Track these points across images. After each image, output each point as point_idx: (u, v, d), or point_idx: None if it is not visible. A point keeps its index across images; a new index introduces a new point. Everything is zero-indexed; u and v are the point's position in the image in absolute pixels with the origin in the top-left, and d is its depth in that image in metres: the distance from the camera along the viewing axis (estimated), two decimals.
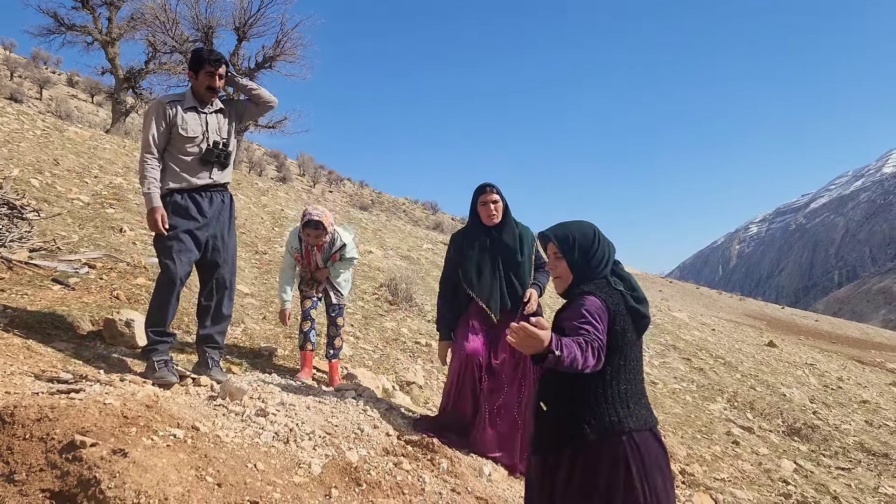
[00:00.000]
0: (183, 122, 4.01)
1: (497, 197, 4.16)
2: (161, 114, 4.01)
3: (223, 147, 4.13)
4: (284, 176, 39.56)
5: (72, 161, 10.64)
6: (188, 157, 4.04)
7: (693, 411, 7.35)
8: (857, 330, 43.38)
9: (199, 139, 4.05)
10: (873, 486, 6.27)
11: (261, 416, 3.51)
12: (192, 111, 4.07)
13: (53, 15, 22.66)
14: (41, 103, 32.99)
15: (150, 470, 2.56)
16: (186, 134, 4.01)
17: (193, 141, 4.04)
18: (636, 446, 2.34)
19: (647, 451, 2.35)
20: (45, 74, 38.46)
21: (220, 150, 4.10)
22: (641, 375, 2.51)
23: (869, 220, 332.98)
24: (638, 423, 2.38)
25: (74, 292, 5.03)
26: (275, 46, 24.13)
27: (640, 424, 2.38)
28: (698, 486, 4.99)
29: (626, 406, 2.39)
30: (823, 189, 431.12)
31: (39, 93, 35.37)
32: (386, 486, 3.25)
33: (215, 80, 4.08)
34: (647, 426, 2.41)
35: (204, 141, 4.07)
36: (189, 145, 4.03)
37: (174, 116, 4.00)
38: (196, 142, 4.04)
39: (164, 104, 4.04)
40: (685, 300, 37.67)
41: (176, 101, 4.07)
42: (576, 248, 2.50)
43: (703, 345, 13.13)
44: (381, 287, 8.39)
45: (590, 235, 2.53)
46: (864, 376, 15.91)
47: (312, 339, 4.77)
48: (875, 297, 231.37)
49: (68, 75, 42.26)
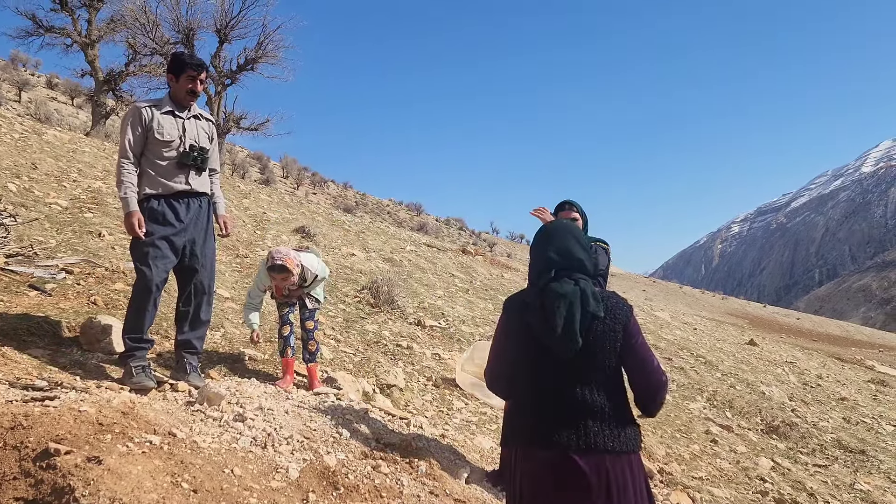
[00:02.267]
0: (159, 127, 3.99)
1: (576, 215, 4.11)
2: (137, 118, 3.99)
3: (200, 151, 4.11)
4: (268, 178, 39.36)
5: (50, 165, 10.54)
6: (164, 162, 4.02)
7: (673, 410, 7.41)
8: (838, 328, 43.93)
9: (175, 143, 4.04)
10: (849, 483, 6.36)
11: (239, 422, 3.51)
12: (169, 115, 4.06)
13: (32, 17, 22.43)
14: (20, 106, 32.59)
15: (125, 477, 2.56)
16: (163, 138, 4.00)
17: (170, 145, 4.02)
18: (519, 461, 2.34)
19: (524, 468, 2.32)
20: (24, 77, 37.98)
21: (196, 153, 4.08)
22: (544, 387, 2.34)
23: (848, 219, 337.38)
24: (518, 439, 2.36)
25: (51, 298, 4.99)
26: (256, 48, 24.07)
27: (522, 441, 2.33)
28: (676, 484, 5.04)
29: (509, 421, 2.42)
30: (804, 188, 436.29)
31: (18, 95, 34.93)
32: (364, 489, 3.26)
33: (197, 84, 4.07)
34: (528, 443, 2.31)
35: (181, 145, 4.06)
36: (165, 149, 4.02)
37: (150, 120, 3.99)
38: (173, 146, 4.03)
39: (140, 108, 4.02)
40: (668, 300, 37.98)
41: (153, 106, 4.05)
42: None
43: (685, 344, 13.25)
44: (362, 290, 8.39)
45: (535, 238, 2.57)
46: (843, 374, 16.11)
47: (292, 344, 4.74)
48: (855, 295, 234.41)
49: (48, 77, 41.77)
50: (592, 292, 2.34)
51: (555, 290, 2.32)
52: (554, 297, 2.29)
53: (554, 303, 2.28)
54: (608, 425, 2.26)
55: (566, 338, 2.24)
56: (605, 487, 2.20)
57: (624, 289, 36.27)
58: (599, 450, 2.22)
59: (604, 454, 2.23)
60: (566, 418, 2.26)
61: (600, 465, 2.22)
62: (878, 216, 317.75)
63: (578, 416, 2.25)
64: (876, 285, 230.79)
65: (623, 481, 2.24)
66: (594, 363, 2.29)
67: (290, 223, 12.89)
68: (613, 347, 2.31)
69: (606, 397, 2.29)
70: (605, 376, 2.31)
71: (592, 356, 2.28)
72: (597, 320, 2.29)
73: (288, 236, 11.38)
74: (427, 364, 6.38)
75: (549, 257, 2.43)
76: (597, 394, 2.28)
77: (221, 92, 24.02)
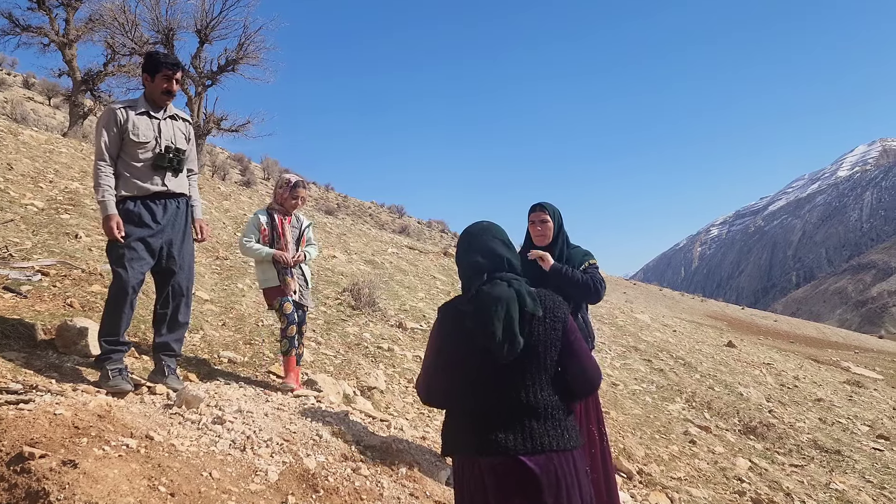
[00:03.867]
0: (134, 128, 3.95)
1: (546, 217, 3.97)
2: (112, 120, 3.95)
3: (176, 152, 4.07)
4: (248, 180, 39.11)
5: (26, 165, 10.40)
6: (140, 164, 3.98)
7: (652, 412, 7.47)
8: (815, 329, 44.48)
9: (150, 144, 3.99)
10: (825, 483, 6.44)
11: (217, 424, 3.49)
12: (143, 116, 4.01)
13: (8, 15, 22.10)
14: None
15: (101, 481, 2.53)
16: (138, 139, 3.95)
17: (145, 146, 3.98)
18: (466, 470, 2.30)
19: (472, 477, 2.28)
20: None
21: (172, 154, 4.04)
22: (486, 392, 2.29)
23: (825, 223, 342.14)
24: (462, 447, 2.31)
25: (27, 300, 4.92)
26: (237, 49, 23.90)
27: (467, 449, 2.29)
28: (655, 485, 5.08)
29: (451, 430, 2.37)
30: (781, 192, 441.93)
31: None
32: (344, 491, 3.25)
33: (172, 84, 4.03)
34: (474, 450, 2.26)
35: (157, 146, 4.01)
36: (141, 151, 3.98)
37: (125, 122, 3.94)
38: (148, 147, 3.98)
39: (115, 110, 3.98)
40: (649, 302, 38.21)
41: (128, 107, 4.01)
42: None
43: (665, 346, 13.35)
44: (343, 292, 8.36)
45: (458, 244, 2.50)
46: (819, 375, 16.33)
47: (296, 345, 4.64)
48: (831, 298, 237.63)
49: (24, 77, 41.20)
50: (528, 291, 2.31)
51: (489, 293, 2.27)
52: (490, 302, 2.25)
53: (490, 307, 2.23)
54: (552, 424, 2.25)
55: (507, 341, 2.20)
56: (555, 486, 2.20)
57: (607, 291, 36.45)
58: (546, 449, 2.21)
59: (551, 453, 2.22)
60: (510, 421, 2.23)
61: (549, 465, 2.21)
62: (854, 220, 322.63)
63: (523, 418, 2.23)
64: (852, 288, 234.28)
65: (571, 478, 2.25)
66: (536, 364, 2.27)
67: None
68: (555, 346, 2.29)
69: (549, 396, 2.28)
70: (547, 376, 2.30)
71: (534, 357, 2.26)
72: (536, 320, 2.27)
73: None
74: (408, 366, 6.37)
75: (475, 262, 2.37)
76: (540, 394, 2.26)
77: (202, 93, 23.83)
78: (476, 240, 2.42)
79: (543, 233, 4.00)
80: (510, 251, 2.41)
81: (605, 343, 11.27)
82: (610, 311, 17.60)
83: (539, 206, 4.04)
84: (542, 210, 4.02)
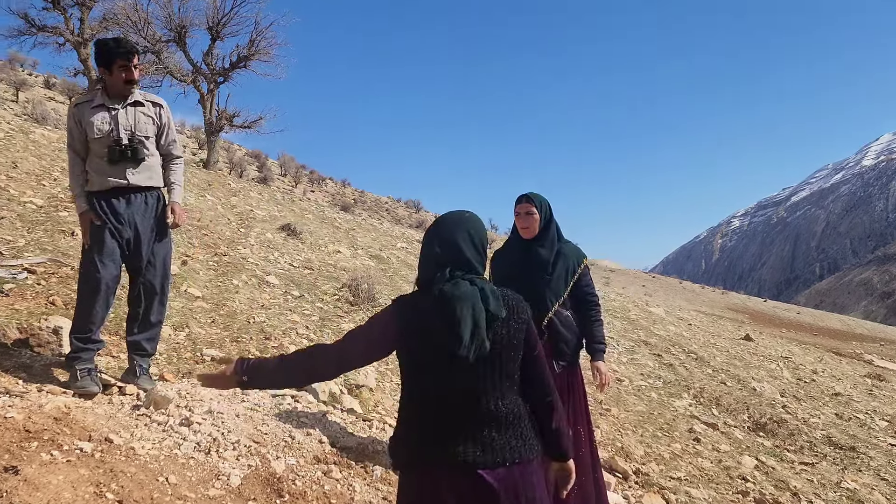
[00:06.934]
0: (89, 124, 3.81)
1: (533, 209, 3.74)
2: (71, 118, 3.85)
3: (129, 142, 3.87)
4: (265, 176, 39.21)
5: (32, 164, 10.40)
6: (100, 159, 3.85)
7: (657, 408, 7.27)
8: (839, 322, 43.77)
9: (105, 139, 3.85)
10: (836, 481, 6.22)
11: (184, 426, 3.38)
12: (99, 109, 3.86)
13: (24, 16, 22.35)
14: (18, 106, 32.45)
15: (43, 488, 2.43)
16: (94, 135, 3.83)
17: (101, 141, 3.85)
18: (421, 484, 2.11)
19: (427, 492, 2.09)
20: (21, 77, 37.85)
21: (124, 145, 3.85)
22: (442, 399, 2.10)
23: (849, 213, 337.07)
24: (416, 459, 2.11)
25: (7, 298, 4.84)
26: (249, 46, 23.92)
27: (421, 461, 2.10)
28: (652, 486, 4.90)
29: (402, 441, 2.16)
30: (804, 182, 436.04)
31: (16, 95, 34.80)
32: (312, 496, 3.13)
33: (133, 72, 3.84)
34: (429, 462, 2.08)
35: (112, 139, 3.86)
36: (98, 146, 3.85)
37: (81, 119, 3.82)
38: (104, 142, 3.85)
39: (72, 108, 3.88)
40: (668, 295, 37.83)
41: (86, 102, 3.89)
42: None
43: (677, 340, 13.10)
44: (342, 287, 8.24)
45: (426, 231, 2.24)
46: (839, 368, 15.97)
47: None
48: (856, 289, 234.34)
49: (45, 77, 41.60)
50: (492, 290, 2.09)
51: (451, 293, 2.04)
52: (453, 301, 2.02)
53: (455, 308, 2.01)
54: (513, 433, 2.07)
55: (473, 345, 1.99)
56: (514, 500, 2.03)
57: (623, 284, 36.13)
58: (507, 461, 2.03)
59: (512, 466, 2.04)
60: (469, 431, 2.04)
61: (509, 478, 2.04)
62: (880, 209, 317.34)
63: (482, 428, 2.05)
64: (877, 279, 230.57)
65: (532, 490, 2.08)
66: (498, 369, 2.07)
67: (276, 221, 12.73)
68: (517, 350, 2.10)
69: (510, 404, 2.09)
70: (510, 381, 2.11)
71: (497, 361, 2.07)
72: (499, 321, 2.06)
73: (273, 234, 11.22)
74: None
75: (434, 253, 2.13)
76: (501, 402, 2.07)
77: (214, 90, 23.89)
78: (445, 230, 2.16)
79: (529, 225, 3.79)
80: (478, 254, 2.16)
81: (613, 337, 11.05)
82: (623, 304, 17.35)
83: (525, 197, 3.83)
84: (528, 202, 3.81)
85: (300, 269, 9.00)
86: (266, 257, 9.06)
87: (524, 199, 3.79)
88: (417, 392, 2.13)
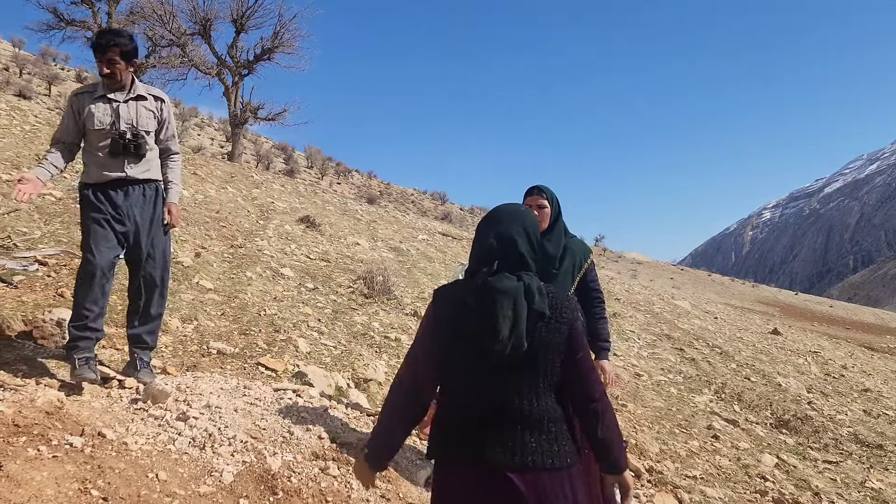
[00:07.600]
0: (90, 115, 3.78)
1: (544, 202, 3.58)
2: (70, 107, 3.83)
3: (132, 137, 3.84)
4: (292, 168, 39.54)
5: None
6: (99, 151, 3.82)
7: (676, 404, 7.10)
8: (873, 315, 42.79)
9: (106, 130, 3.82)
10: (860, 481, 6.01)
11: (180, 421, 3.33)
12: (101, 101, 3.83)
13: (53, 10, 22.77)
14: (50, 100, 33.04)
15: (25, 485, 2.39)
16: (94, 126, 3.79)
17: (101, 133, 3.82)
18: (446, 481, 2.07)
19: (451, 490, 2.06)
20: (53, 71, 38.60)
21: (127, 139, 3.82)
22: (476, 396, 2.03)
23: (884, 204, 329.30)
24: (445, 456, 2.08)
25: (15, 290, 4.86)
26: (273, 38, 24.04)
27: (450, 458, 2.06)
28: (666, 484, 4.76)
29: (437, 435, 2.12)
30: (837, 173, 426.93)
31: (48, 89, 35.43)
32: (307, 493, 3.06)
33: (112, 66, 3.75)
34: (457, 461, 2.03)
35: (114, 131, 3.83)
36: (98, 138, 3.82)
37: (82, 109, 3.79)
38: (104, 133, 3.82)
39: (73, 97, 3.85)
40: (696, 287, 37.27)
41: (87, 92, 3.86)
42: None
43: (701, 334, 12.85)
44: (357, 280, 8.18)
45: (482, 219, 2.18)
46: (870, 363, 15.58)
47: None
48: (891, 282, 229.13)
49: (77, 71, 42.28)
50: (538, 286, 2.01)
51: (494, 286, 1.98)
52: (495, 295, 1.96)
53: (496, 302, 1.95)
54: (547, 439, 1.97)
55: (511, 342, 1.93)
56: None
57: (651, 277, 35.70)
58: (538, 467, 1.94)
59: (542, 472, 1.94)
60: (501, 432, 1.97)
61: (538, 484, 1.94)
62: None
63: (515, 429, 1.97)
64: None
65: (563, 501, 1.97)
66: (537, 369, 1.99)
67: (296, 212, 12.73)
68: (558, 350, 2.00)
69: (547, 407, 1.99)
70: (548, 383, 2.00)
71: (535, 360, 1.98)
72: (542, 319, 1.98)
73: (291, 226, 11.21)
74: None
75: (489, 244, 2.07)
76: (536, 403, 1.98)
77: (238, 82, 24.06)
78: (501, 224, 2.11)
79: (540, 218, 3.68)
80: (532, 250, 2.10)
81: (634, 331, 10.87)
82: (647, 297, 17.10)
83: (536, 189, 3.69)
84: (539, 194, 3.66)
85: (316, 262, 8.96)
86: (283, 249, 9.03)
87: (535, 190, 3.63)
88: (449, 386, 2.08)
